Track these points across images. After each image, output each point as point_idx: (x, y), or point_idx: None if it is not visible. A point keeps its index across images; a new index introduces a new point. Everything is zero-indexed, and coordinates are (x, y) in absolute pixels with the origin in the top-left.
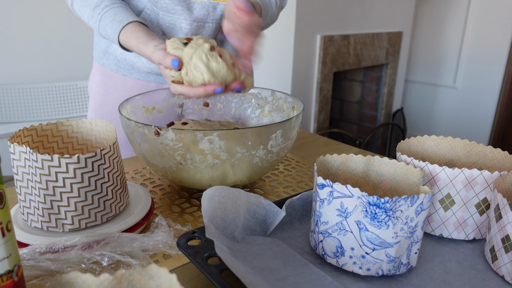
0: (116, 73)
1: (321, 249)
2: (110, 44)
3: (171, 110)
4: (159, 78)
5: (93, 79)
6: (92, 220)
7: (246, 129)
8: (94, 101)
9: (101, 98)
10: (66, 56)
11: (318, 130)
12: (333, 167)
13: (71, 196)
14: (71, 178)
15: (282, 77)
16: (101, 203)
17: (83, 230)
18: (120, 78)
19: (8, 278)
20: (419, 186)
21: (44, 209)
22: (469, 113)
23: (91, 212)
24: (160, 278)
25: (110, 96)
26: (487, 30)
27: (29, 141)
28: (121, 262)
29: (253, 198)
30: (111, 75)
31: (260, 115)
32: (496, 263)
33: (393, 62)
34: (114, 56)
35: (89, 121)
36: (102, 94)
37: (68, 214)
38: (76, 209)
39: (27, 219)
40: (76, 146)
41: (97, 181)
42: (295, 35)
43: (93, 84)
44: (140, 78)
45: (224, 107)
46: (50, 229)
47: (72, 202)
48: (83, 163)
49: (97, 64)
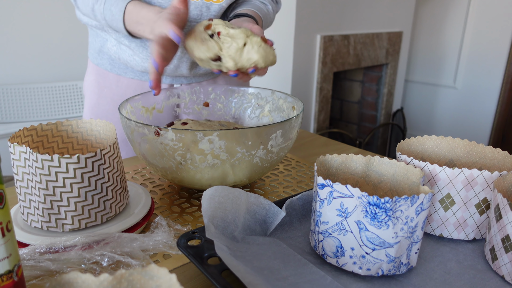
0: (111, 72)
1: (321, 249)
2: (104, 43)
3: (171, 110)
4: None
5: (88, 79)
6: (92, 220)
7: (246, 129)
8: (89, 101)
9: (96, 98)
10: (66, 56)
11: (318, 130)
12: (333, 167)
13: (71, 196)
14: (71, 178)
15: (282, 77)
16: (101, 203)
17: (83, 230)
18: (115, 77)
19: (8, 278)
20: (419, 186)
21: (44, 209)
22: (469, 113)
23: (91, 212)
24: (160, 278)
25: (105, 95)
26: (487, 30)
27: (29, 141)
28: (121, 262)
29: (253, 198)
30: (106, 75)
31: (260, 115)
32: (496, 263)
33: (393, 62)
34: (108, 56)
35: (89, 121)
36: (97, 94)
37: (68, 214)
38: (76, 209)
39: (27, 219)
40: (76, 146)
41: (97, 181)
42: (295, 35)
43: (88, 84)
44: (135, 77)
45: (224, 107)
46: (50, 229)
47: (72, 202)
48: (83, 163)
49: (92, 63)
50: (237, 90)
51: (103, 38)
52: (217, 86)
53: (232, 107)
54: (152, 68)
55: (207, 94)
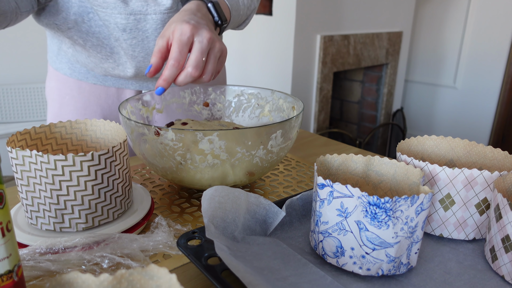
0: (71, 77)
1: (321, 249)
2: (60, 45)
3: (171, 110)
4: (118, 82)
5: (49, 85)
6: (105, 217)
7: (246, 129)
8: (51, 109)
9: (58, 106)
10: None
11: (318, 130)
12: (333, 167)
13: (85, 194)
14: (85, 176)
15: (282, 77)
16: (113, 200)
17: (95, 228)
18: (76, 83)
19: (8, 278)
20: (419, 186)
21: (57, 210)
22: (469, 113)
23: (104, 209)
24: (160, 278)
25: (67, 104)
26: (487, 30)
27: (23, 145)
28: (121, 264)
29: (253, 198)
30: (66, 80)
31: (260, 115)
32: (496, 263)
33: (393, 62)
34: (67, 59)
35: (83, 121)
36: (59, 102)
37: (82, 212)
38: (90, 207)
39: (36, 223)
40: (70, 147)
41: (109, 178)
42: (295, 35)
43: (49, 90)
44: (97, 82)
45: (224, 107)
46: (64, 229)
47: (86, 200)
48: (97, 160)
49: (51, 68)
50: (237, 90)
51: (58, 39)
52: (217, 86)
53: (232, 107)
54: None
55: (207, 94)
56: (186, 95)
